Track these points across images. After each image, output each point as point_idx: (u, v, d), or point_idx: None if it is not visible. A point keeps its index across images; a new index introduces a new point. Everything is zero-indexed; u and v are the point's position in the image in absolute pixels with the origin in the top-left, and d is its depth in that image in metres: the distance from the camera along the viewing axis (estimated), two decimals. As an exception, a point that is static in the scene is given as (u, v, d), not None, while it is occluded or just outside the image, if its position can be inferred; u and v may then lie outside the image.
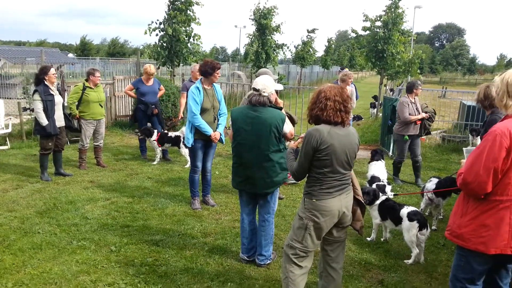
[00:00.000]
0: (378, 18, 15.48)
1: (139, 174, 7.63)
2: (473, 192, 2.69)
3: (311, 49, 28.23)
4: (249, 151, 4.05)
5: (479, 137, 9.78)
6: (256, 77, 6.33)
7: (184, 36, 12.65)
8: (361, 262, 4.41)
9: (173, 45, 12.58)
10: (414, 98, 7.25)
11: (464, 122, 11.70)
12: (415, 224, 4.40)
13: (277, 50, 20.31)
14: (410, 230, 4.42)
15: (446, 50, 75.75)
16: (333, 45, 39.78)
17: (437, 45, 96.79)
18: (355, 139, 3.13)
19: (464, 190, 2.80)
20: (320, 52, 34.68)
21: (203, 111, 5.66)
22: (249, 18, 19.61)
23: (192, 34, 12.99)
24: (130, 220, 5.38)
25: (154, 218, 5.51)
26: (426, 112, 7.16)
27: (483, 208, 2.69)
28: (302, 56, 27.49)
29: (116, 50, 62.30)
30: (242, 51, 32.12)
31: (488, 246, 2.66)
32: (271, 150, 3.99)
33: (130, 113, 12.35)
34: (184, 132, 8.48)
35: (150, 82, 8.75)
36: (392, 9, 15.15)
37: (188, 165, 8.27)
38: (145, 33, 12.43)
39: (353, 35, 17.47)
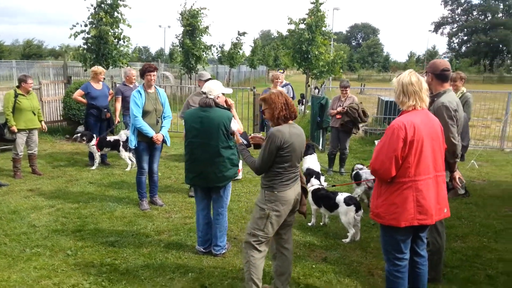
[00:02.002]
0: (302, 21, 16.38)
1: (79, 180, 7.58)
2: (381, 177, 3.27)
3: (240, 50, 28.92)
4: (200, 148, 4.41)
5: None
6: (199, 78, 6.69)
7: (113, 38, 12.50)
8: (306, 244, 4.93)
9: (101, 48, 12.38)
10: (344, 96, 8.08)
11: (382, 116, 12.86)
12: (352, 207, 5.01)
13: (206, 51, 20.68)
14: (347, 214, 5.02)
15: (362, 49, 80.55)
16: (259, 46, 40.73)
17: (354, 44, 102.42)
18: (304, 137, 3.62)
19: (375, 176, 3.38)
20: (246, 52, 35.63)
21: (145, 113, 5.87)
22: (177, 19, 19.70)
23: (122, 36, 12.87)
24: (80, 225, 5.44)
25: (104, 221, 5.61)
26: (351, 108, 7.92)
27: (391, 190, 3.26)
28: (232, 56, 28.00)
29: (32, 52, 58.47)
30: (167, 51, 31.91)
31: (399, 221, 3.23)
32: (221, 147, 4.36)
33: (60, 119, 12.01)
34: (122, 136, 8.57)
35: (100, 86, 8.64)
36: (315, 12, 16.10)
37: (129, 168, 8.39)
38: (70, 37, 12.12)
39: (276, 35, 18.30)
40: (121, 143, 8.48)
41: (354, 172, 6.53)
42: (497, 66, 63.59)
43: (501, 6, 72.22)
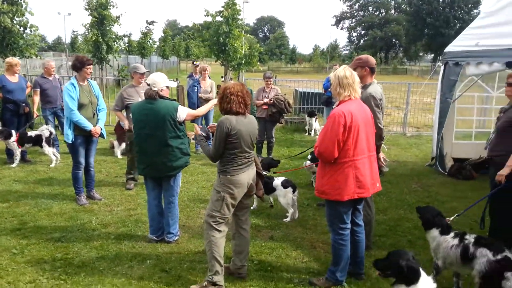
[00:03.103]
0: (218, 14, 16.65)
1: (2, 178, 7.14)
2: (326, 159, 3.77)
3: (150, 40, 28.26)
4: (148, 139, 4.56)
5: (315, 117, 11.77)
6: (134, 71, 6.65)
7: (18, 27, 11.69)
8: (252, 226, 5.29)
9: (5, 37, 11.51)
10: (268, 87, 8.56)
11: (299, 106, 13.67)
12: (290, 189, 5.49)
13: (117, 41, 20.05)
14: (286, 195, 5.50)
15: (270, 41, 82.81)
16: (169, 36, 40.08)
17: (261, 36, 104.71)
18: (255, 125, 3.94)
19: (320, 158, 3.87)
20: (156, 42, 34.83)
21: (81, 106, 5.79)
22: (85, 8, 18.75)
23: (29, 25, 12.06)
24: (18, 224, 5.24)
25: (43, 218, 5.46)
26: (278, 100, 8.44)
27: (334, 169, 3.77)
28: (143, 46, 27.26)
29: None
30: (68, 40, 29.98)
31: (342, 195, 3.75)
32: (169, 137, 4.53)
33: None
34: (44, 131, 8.20)
35: (16, 78, 8.07)
36: (231, 6, 16.44)
37: (53, 164, 8.06)
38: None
39: (184, 25, 18.34)
40: (44, 138, 8.11)
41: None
42: (391, 59, 69.56)
43: (393, 3, 79.03)
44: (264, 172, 6.12)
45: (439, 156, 8.31)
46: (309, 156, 7.06)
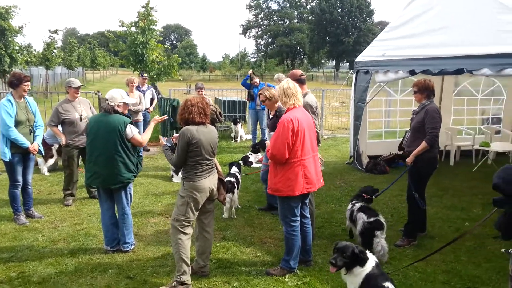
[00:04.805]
0: (134, 24, 16.53)
1: None
2: (278, 160, 4.28)
3: (55, 50, 26.77)
4: (98, 149, 4.73)
5: (239, 124, 12.28)
6: (68, 85, 6.59)
7: None
8: (204, 229, 5.63)
9: None
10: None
11: (224, 114, 14.09)
12: None
13: (22, 52, 18.97)
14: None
15: (179, 50, 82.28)
16: (75, 45, 38.16)
17: (168, 44, 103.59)
18: (216, 134, 4.29)
19: (273, 160, 4.37)
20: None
21: (18, 123, 5.67)
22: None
23: None
24: (-44, 249, 4.99)
25: (-18, 241, 5.24)
26: (210, 110, 8.79)
27: (286, 168, 4.29)
28: (47, 57, 25.75)
29: None
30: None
31: (294, 191, 4.28)
32: (116, 151, 4.71)
33: None
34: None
35: None
36: (146, 17, 16.40)
37: (-26, 185, 7.57)
38: None
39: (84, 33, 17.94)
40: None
41: None
42: (297, 66, 73.06)
43: (296, 13, 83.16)
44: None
45: (356, 154, 9.28)
46: (241, 161, 7.60)
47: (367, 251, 3.69)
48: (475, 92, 10.42)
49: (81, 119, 6.51)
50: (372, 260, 3.63)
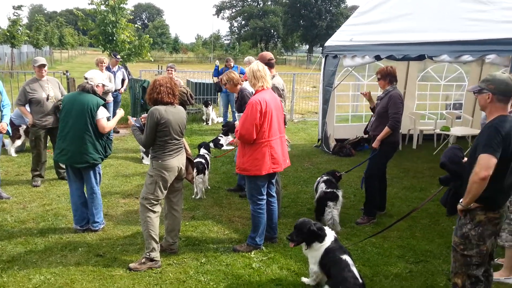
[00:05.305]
0: (103, 2, 16.17)
1: None
2: (247, 141, 4.44)
3: (20, 28, 25.87)
4: (68, 126, 4.79)
5: (211, 107, 12.37)
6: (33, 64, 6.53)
7: None
8: (173, 209, 5.76)
9: None
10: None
11: (195, 97, 14.11)
12: (194, 171, 6.00)
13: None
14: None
15: (150, 30, 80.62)
16: (42, 23, 36.88)
17: (139, 24, 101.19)
18: (184, 115, 4.39)
19: (241, 140, 4.52)
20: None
21: (-17, 104, 5.61)
22: None
23: None
24: None
25: None
26: (181, 92, 8.81)
27: (253, 149, 4.45)
28: (13, 35, 24.85)
29: None
30: None
31: (261, 170, 4.46)
32: (86, 130, 4.76)
33: None
34: None
35: None
36: (116, -6, 16.05)
37: None
38: None
39: (51, 10, 17.47)
40: None
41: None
42: (271, 49, 72.97)
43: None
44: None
45: (324, 138, 9.54)
46: (211, 144, 7.76)
47: (326, 228, 3.93)
48: (438, 78, 10.83)
49: (47, 99, 6.46)
50: (331, 236, 3.87)
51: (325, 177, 5.59)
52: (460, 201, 3.17)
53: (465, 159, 3.41)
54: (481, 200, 3.06)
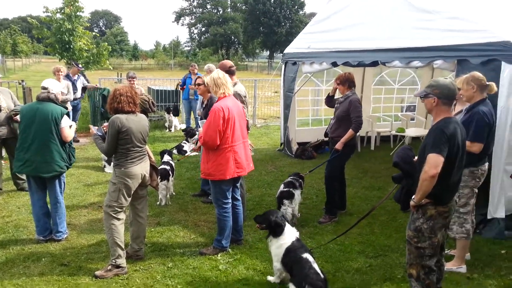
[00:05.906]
0: (59, 10, 15.85)
1: None
2: (210, 147, 4.55)
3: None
4: (30, 138, 4.73)
5: (171, 113, 12.37)
6: None
7: None
8: (138, 216, 5.76)
9: None
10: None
11: (157, 104, 14.03)
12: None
13: None
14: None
15: (108, 37, 79.09)
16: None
17: (96, 31, 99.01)
18: (146, 123, 4.43)
19: (205, 146, 4.63)
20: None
21: None
22: None
23: None
24: None
25: None
26: (143, 100, 8.79)
27: (217, 154, 4.57)
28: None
29: None
30: None
31: (225, 175, 4.58)
32: (52, 138, 4.74)
33: None
34: None
35: None
36: (72, 3, 15.75)
37: None
38: None
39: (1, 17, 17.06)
40: None
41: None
42: (232, 55, 73.22)
43: (229, 2, 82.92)
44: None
45: (286, 142, 9.76)
46: (175, 150, 7.82)
47: (288, 226, 4.11)
48: (392, 82, 11.33)
49: (0, 110, 6.30)
50: (293, 235, 4.04)
51: (289, 178, 5.80)
52: (412, 197, 3.41)
53: (416, 158, 3.67)
54: (431, 196, 3.31)
